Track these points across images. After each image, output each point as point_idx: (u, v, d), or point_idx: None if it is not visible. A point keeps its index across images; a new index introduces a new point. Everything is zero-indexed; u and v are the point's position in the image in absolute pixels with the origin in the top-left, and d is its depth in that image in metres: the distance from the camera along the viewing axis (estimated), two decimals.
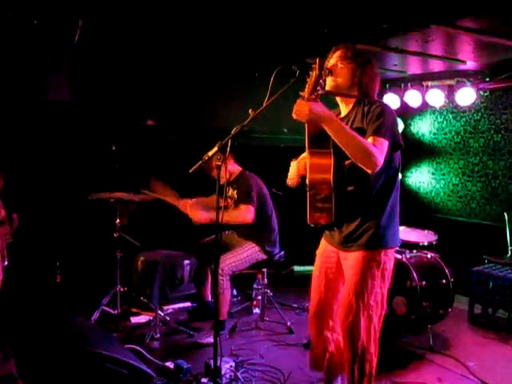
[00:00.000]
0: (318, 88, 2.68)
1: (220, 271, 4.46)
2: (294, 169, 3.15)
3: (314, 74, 2.66)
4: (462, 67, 5.80)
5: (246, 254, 4.70)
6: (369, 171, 2.68)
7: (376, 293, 2.92)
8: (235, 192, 4.88)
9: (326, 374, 3.26)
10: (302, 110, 2.65)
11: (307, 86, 2.69)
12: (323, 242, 3.21)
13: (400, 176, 7.33)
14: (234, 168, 4.95)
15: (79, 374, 2.85)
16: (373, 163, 2.65)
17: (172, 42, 5.08)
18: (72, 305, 4.74)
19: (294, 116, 2.70)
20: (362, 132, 2.77)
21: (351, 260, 2.95)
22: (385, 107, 2.84)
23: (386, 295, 3.01)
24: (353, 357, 2.94)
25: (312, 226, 2.98)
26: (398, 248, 4.91)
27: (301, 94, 2.69)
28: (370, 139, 2.72)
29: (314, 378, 3.72)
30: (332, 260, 3.10)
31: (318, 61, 2.65)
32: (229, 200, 4.94)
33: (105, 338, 3.35)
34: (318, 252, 3.23)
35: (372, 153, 2.64)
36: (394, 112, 2.92)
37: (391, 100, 6.69)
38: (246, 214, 4.67)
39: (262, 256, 4.80)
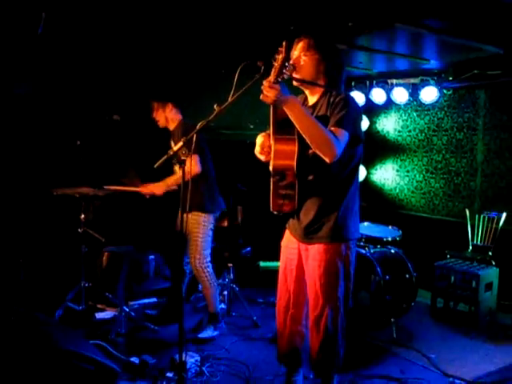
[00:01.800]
0: (285, 71, 2.67)
1: (199, 268, 4.44)
2: (262, 138, 3.09)
3: (280, 57, 2.64)
4: (426, 66, 5.90)
5: (201, 232, 4.48)
6: (326, 160, 2.70)
7: (341, 285, 2.97)
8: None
9: (289, 366, 3.29)
10: (270, 92, 2.62)
11: (273, 69, 2.67)
12: (287, 234, 3.24)
13: (365, 172, 7.43)
14: (173, 116, 4.68)
15: (44, 371, 2.83)
16: (331, 152, 2.67)
17: (139, 36, 5.04)
18: (36, 301, 4.68)
19: (262, 97, 2.65)
20: (326, 119, 2.80)
21: (313, 252, 2.98)
22: (349, 100, 2.87)
23: (351, 287, 3.06)
24: (320, 348, 2.99)
25: (275, 213, 2.99)
26: (362, 243, 5.01)
27: (266, 79, 2.65)
28: (331, 129, 2.74)
29: (278, 371, 3.76)
30: (294, 252, 3.14)
31: (284, 43, 2.63)
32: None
33: (70, 334, 3.33)
34: (283, 244, 3.27)
35: (331, 142, 2.66)
36: (359, 105, 2.96)
37: (357, 97, 6.77)
38: (192, 165, 4.16)
39: (211, 219, 4.57)
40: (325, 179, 2.92)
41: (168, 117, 4.67)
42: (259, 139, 3.10)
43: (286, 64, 2.65)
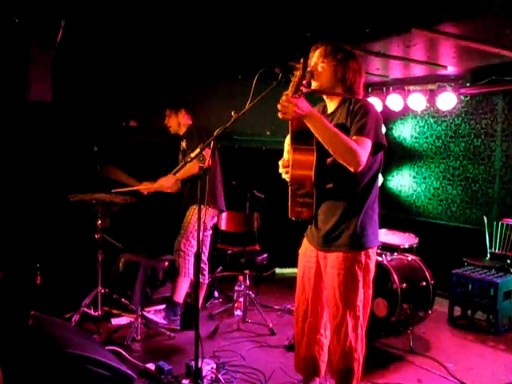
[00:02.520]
0: (302, 88, 2.69)
1: (184, 249, 4.64)
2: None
3: (298, 73, 2.66)
4: (443, 72, 5.87)
5: (191, 222, 4.69)
6: (351, 169, 2.70)
7: (361, 293, 2.95)
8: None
9: (306, 375, 3.27)
10: (288, 107, 2.61)
11: (291, 85, 2.69)
12: (305, 242, 3.22)
13: (381, 179, 7.38)
14: (185, 121, 4.93)
15: (60, 376, 2.83)
16: (356, 161, 2.67)
17: (156, 43, 5.07)
18: (52, 306, 4.69)
19: (280, 115, 2.66)
20: (345, 129, 2.79)
21: (332, 261, 2.96)
22: (369, 107, 2.86)
23: (370, 295, 3.04)
24: (341, 356, 2.97)
25: (293, 219, 3.00)
26: (379, 250, 4.97)
27: (284, 93, 2.66)
28: (353, 138, 2.73)
29: (295, 379, 3.74)
30: (312, 260, 3.12)
31: (302, 61, 2.65)
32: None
33: (85, 340, 3.33)
34: (301, 252, 3.25)
35: (355, 151, 2.66)
36: (379, 112, 2.94)
37: (373, 104, 6.74)
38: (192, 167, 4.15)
39: (208, 215, 4.75)
40: (345, 187, 2.90)
41: (181, 122, 4.90)
42: (286, 145, 3.13)
43: (303, 82, 2.68)
